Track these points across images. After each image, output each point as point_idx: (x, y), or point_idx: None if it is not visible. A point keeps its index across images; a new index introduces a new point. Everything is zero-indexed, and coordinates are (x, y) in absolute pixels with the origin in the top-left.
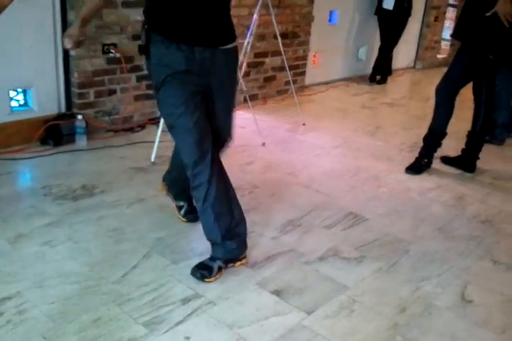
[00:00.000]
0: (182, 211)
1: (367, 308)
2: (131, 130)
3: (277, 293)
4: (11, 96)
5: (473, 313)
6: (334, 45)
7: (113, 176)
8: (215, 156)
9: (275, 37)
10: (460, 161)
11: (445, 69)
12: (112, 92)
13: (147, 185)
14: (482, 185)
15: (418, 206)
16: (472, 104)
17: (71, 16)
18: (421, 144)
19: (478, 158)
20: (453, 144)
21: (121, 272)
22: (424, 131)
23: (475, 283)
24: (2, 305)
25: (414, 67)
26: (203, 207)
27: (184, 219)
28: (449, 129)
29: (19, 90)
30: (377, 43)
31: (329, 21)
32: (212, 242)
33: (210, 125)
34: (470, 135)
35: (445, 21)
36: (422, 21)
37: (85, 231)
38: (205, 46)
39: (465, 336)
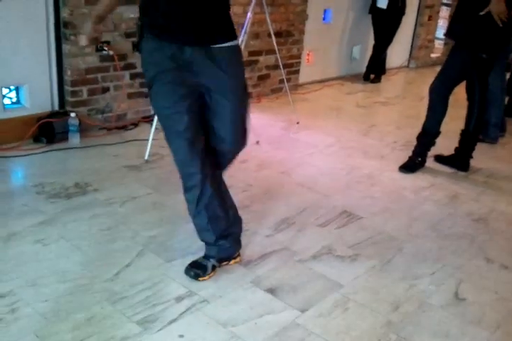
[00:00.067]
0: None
1: (361, 306)
2: (124, 128)
3: (271, 291)
4: (4, 93)
5: (466, 311)
6: (328, 44)
7: (106, 174)
8: (208, 158)
9: (269, 35)
10: (453, 160)
11: (439, 68)
12: (105, 90)
13: (140, 183)
14: (475, 184)
15: (412, 204)
16: (465, 103)
17: (64, 13)
18: (414, 143)
19: (471, 157)
20: (446, 143)
21: (114, 270)
22: (417, 130)
23: (468, 282)
24: None
25: (408, 66)
26: (197, 210)
27: None
28: (443, 128)
29: (12, 87)
30: (371, 42)
31: (323, 20)
32: (205, 242)
33: (212, 127)
34: (463, 134)
35: (439, 20)
36: (416, 20)
37: (78, 229)
38: (194, 44)
39: (458, 334)
